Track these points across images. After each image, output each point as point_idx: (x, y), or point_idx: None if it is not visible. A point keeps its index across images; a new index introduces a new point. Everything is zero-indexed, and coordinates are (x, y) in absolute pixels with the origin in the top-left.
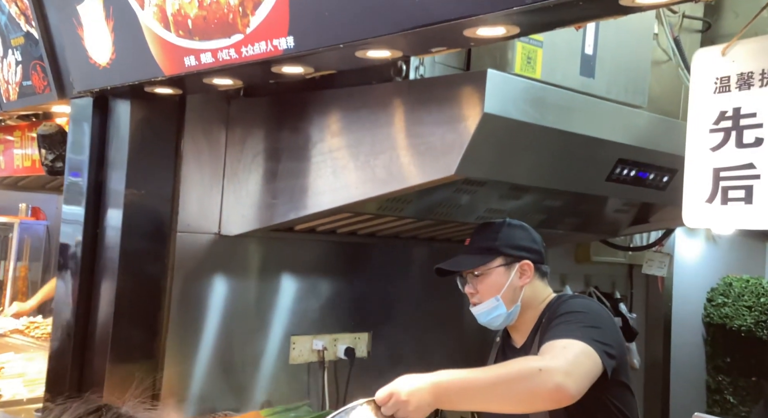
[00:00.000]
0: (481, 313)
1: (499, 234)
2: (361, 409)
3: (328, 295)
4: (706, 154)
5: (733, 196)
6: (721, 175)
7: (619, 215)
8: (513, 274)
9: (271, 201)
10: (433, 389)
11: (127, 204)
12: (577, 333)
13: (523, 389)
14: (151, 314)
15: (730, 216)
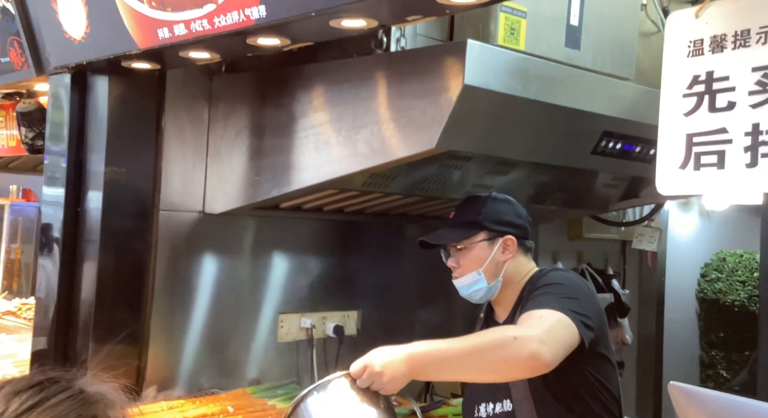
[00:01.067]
0: (462, 286)
1: (483, 208)
2: (337, 382)
3: (316, 273)
4: (680, 119)
5: (705, 162)
6: (694, 141)
7: (608, 190)
8: (496, 248)
9: (255, 178)
10: (407, 360)
11: (107, 182)
12: (554, 304)
13: (497, 358)
14: (135, 293)
15: (702, 182)
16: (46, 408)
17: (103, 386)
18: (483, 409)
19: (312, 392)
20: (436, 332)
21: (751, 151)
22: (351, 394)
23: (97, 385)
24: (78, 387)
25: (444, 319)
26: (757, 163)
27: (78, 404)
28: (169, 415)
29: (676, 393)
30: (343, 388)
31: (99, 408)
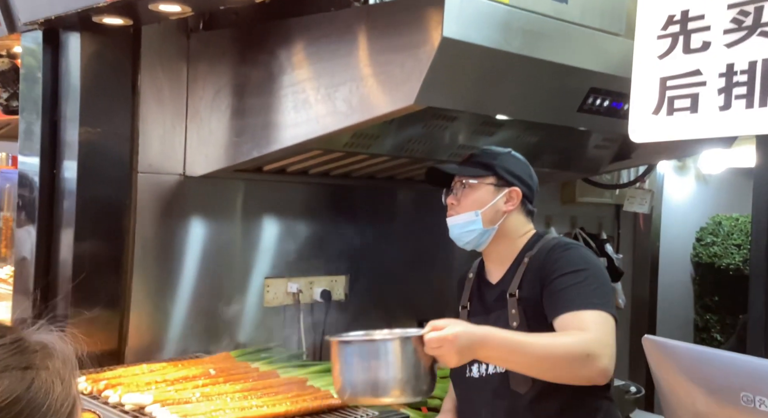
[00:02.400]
0: (456, 224)
1: (499, 157)
2: (406, 340)
3: (303, 238)
4: (653, 63)
5: (679, 106)
6: (668, 85)
7: (599, 151)
8: (500, 196)
9: (235, 139)
10: (482, 340)
11: (82, 143)
12: (595, 300)
13: (568, 370)
14: (114, 257)
15: (675, 127)
16: None
17: (47, 337)
18: (476, 369)
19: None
20: (426, 297)
21: (725, 94)
22: (408, 351)
23: (42, 335)
24: (17, 336)
25: (435, 283)
26: (731, 106)
27: (12, 351)
28: (149, 377)
29: (650, 346)
30: (409, 346)
31: (37, 357)
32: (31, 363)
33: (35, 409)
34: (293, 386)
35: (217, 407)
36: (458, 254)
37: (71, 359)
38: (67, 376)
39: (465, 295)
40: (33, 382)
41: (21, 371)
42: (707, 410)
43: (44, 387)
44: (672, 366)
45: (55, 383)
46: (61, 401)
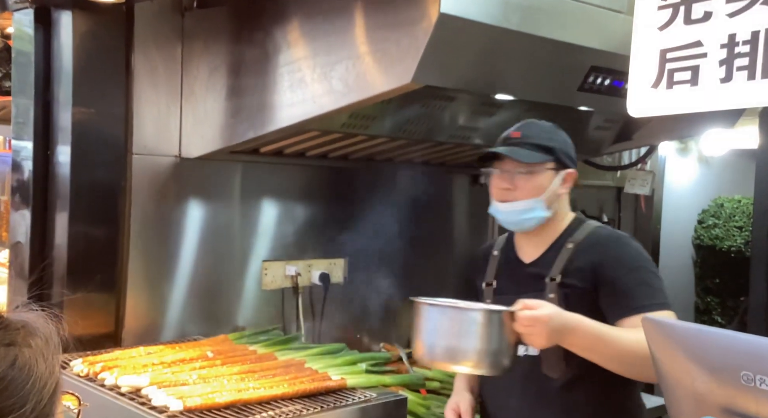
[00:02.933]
0: (514, 211)
1: (555, 136)
2: (496, 313)
3: (301, 220)
4: (653, 34)
5: (678, 79)
6: (668, 57)
7: (600, 133)
8: (557, 179)
9: (231, 120)
10: (574, 329)
11: (76, 123)
12: (662, 299)
13: (641, 368)
14: (109, 240)
15: (675, 101)
16: None
17: (29, 316)
18: None
19: (464, 308)
20: (426, 280)
21: (726, 65)
22: (495, 324)
23: (24, 314)
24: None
25: (434, 266)
26: (732, 78)
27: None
28: (146, 359)
29: (649, 326)
30: (498, 320)
31: (19, 335)
32: (14, 340)
33: (18, 387)
34: (291, 369)
35: (214, 389)
36: (458, 236)
37: (54, 338)
38: (49, 355)
39: (490, 272)
40: (16, 359)
41: (3, 347)
42: (707, 389)
43: (27, 365)
44: (671, 346)
45: (39, 361)
46: (44, 380)
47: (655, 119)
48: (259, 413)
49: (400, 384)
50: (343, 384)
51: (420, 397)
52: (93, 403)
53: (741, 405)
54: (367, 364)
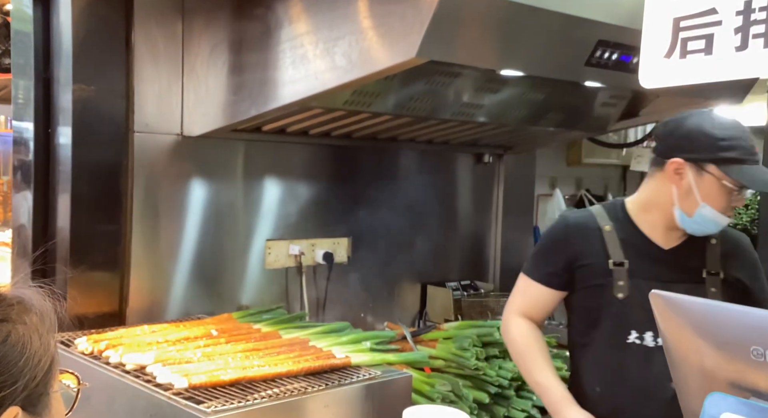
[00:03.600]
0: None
1: None
2: None
3: (304, 199)
4: (666, 3)
5: (692, 48)
6: (681, 26)
7: (606, 109)
8: None
9: (233, 97)
10: None
11: (76, 101)
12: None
13: None
14: (112, 219)
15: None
16: None
17: (25, 292)
18: (650, 338)
19: None
20: (431, 259)
21: (742, 33)
22: None
23: (20, 290)
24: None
25: (439, 245)
26: (747, 46)
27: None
28: (150, 337)
29: (658, 302)
30: None
31: (13, 311)
32: (7, 316)
33: (11, 363)
34: (295, 347)
35: (218, 367)
36: (462, 215)
37: (50, 316)
38: (44, 332)
39: (614, 249)
40: (9, 335)
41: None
42: (715, 365)
43: (21, 341)
44: (680, 321)
45: (33, 338)
46: (38, 357)
47: (662, 95)
48: (264, 390)
49: (405, 362)
50: (348, 362)
51: (424, 375)
52: (98, 381)
53: (750, 380)
54: (371, 342)
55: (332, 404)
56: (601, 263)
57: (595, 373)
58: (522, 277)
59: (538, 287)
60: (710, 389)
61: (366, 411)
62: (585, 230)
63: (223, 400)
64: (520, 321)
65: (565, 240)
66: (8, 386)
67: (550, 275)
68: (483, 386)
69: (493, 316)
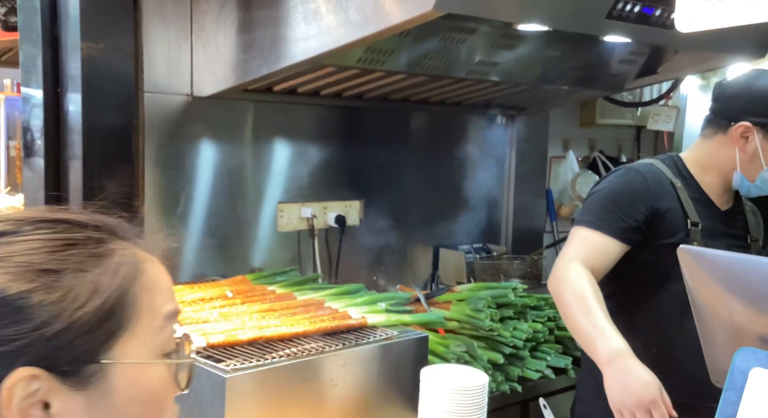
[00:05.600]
0: None
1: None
2: None
3: (316, 161)
4: None
5: None
6: None
7: (624, 66)
8: None
9: (243, 55)
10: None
11: (84, 58)
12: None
13: None
14: (124, 180)
15: (728, 12)
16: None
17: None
18: None
19: None
20: (444, 221)
21: None
22: None
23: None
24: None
25: (448, 207)
26: None
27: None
28: None
29: (685, 256)
30: None
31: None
32: (58, 267)
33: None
34: (311, 307)
35: (235, 327)
36: (475, 177)
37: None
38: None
39: (689, 208)
40: (37, 290)
41: (34, 273)
42: (744, 319)
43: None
44: (708, 276)
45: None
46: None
47: (682, 50)
48: (282, 349)
49: (420, 323)
50: (364, 322)
51: (439, 336)
52: None
53: None
54: (386, 304)
55: (349, 364)
56: (680, 221)
57: (655, 333)
58: (583, 229)
59: (609, 241)
60: (739, 345)
61: (383, 371)
62: (661, 184)
63: (241, 359)
64: (581, 267)
65: (646, 193)
66: (10, 342)
67: (626, 229)
68: (497, 346)
69: (505, 278)
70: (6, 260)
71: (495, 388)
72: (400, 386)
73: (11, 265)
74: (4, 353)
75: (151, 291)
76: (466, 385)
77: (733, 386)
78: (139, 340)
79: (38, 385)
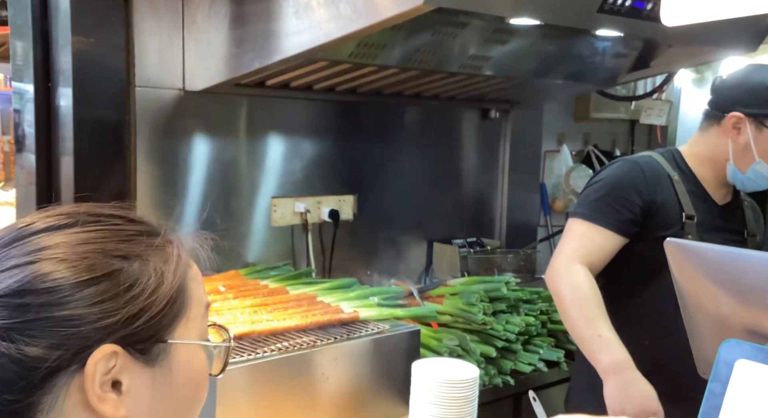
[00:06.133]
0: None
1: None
2: None
3: (309, 156)
4: None
5: None
6: None
7: (617, 61)
8: None
9: (235, 49)
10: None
11: (75, 53)
12: None
13: None
14: (116, 175)
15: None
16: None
17: (173, 235)
18: None
19: None
20: (438, 216)
21: None
22: None
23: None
24: (134, 229)
25: (447, 202)
26: None
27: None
28: None
29: (672, 249)
30: None
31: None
32: (129, 253)
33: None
34: (303, 302)
35: (227, 322)
36: (468, 171)
37: (185, 262)
38: (169, 279)
39: (684, 201)
40: (118, 272)
41: (112, 258)
42: (731, 312)
43: (129, 281)
44: (695, 269)
45: (149, 281)
46: (143, 301)
47: (675, 44)
48: (274, 343)
49: (412, 317)
50: (356, 316)
51: (432, 330)
52: None
53: (766, 326)
54: (379, 298)
55: (341, 358)
56: (675, 214)
57: (647, 325)
58: (580, 222)
59: (605, 234)
60: (725, 337)
61: (375, 365)
62: (658, 177)
63: (232, 353)
64: (582, 268)
65: (643, 184)
66: (102, 319)
67: (623, 221)
68: (490, 340)
69: (499, 272)
70: (80, 246)
71: (488, 381)
72: (392, 379)
73: (88, 250)
74: (96, 329)
75: (196, 281)
76: (457, 378)
77: (718, 378)
78: (191, 324)
79: (115, 362)
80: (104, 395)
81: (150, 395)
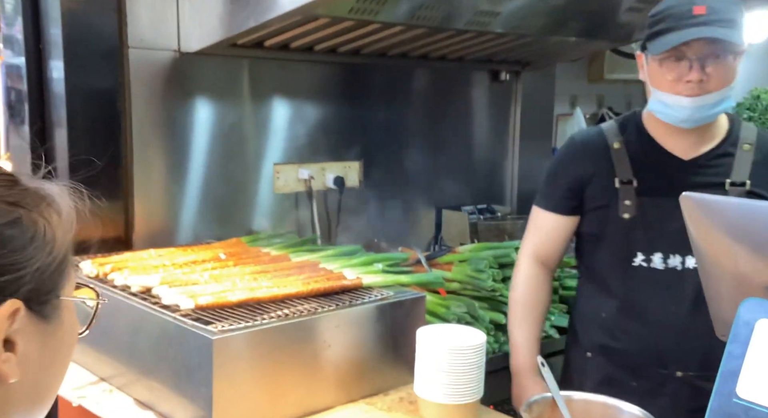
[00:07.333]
0: (705, 105)
1: (738, 7)
2: None
3: (313, 121)
4: None
5: None
6: None
7: (632, 15)
8: (738, 62)
9: (230, 7)
10: None
11: (65, 13)
12: None
13: None
14: (111, 140)
15: None
16: None
17: (49, 186)
18: (660, 260)
19: None
20: (446, 181)
21: None
22: None
23: (44, 183)
24: (11, 175)
25: (454, 167)
26: None
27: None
28: (157, 261)
29: (689, 204)
30: None
31: (29, 197)
32: (22, 201)
33: (18, 247)
34: (305, 269)
35: (225, 288)
36: (477, 135)
37: (71, 215)
38: (61, 228)
39: (621, 167)
40: (20, 218)
41: (6, 204)
42: (751, 268)
43: (34, 228)
44: (713, 224)
45: (47, 228)
46: (50, 248)
47: None
48: (273, 311)
49: (418, 284)
50: (359, 283)
51: (439, 298)
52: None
53: None
54: (383, 264)
55: (343, 325)
56: (608, 183)
57: (601, 300)
58: (533, 210)
59: (548, 217)
60: (744, 296)
61: (378, 332)
62: (591, 149)
63: (231, 321)
64: (528, 270)
65: (571, 160)
66: (12, 271)
67: (557, 199)
68: (499, 307)
69: (510, 239)
70: None
71: (498, 348)
72: (396, 347)
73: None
74: (8, 281)
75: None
76: (463, 344)
77: (737, 339)
78: (70, 281)
79: (15, 319)
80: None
81: (38, 354)
